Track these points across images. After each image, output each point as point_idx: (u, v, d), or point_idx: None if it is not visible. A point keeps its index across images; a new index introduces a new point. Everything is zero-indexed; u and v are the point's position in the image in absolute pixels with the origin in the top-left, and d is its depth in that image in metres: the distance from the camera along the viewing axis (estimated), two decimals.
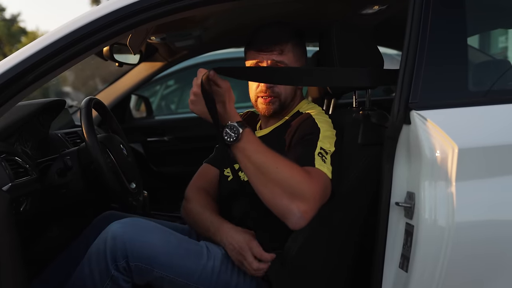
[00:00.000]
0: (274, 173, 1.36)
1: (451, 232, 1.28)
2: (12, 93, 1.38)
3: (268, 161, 1.37)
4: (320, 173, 1.43)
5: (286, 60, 1.65)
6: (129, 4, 1.39)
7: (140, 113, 4.33)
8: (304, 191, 1.36)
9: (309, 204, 1.36)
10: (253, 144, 1.38)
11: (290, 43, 1.67)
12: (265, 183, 1.37)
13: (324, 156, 1.47)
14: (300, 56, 1.71)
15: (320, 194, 1.39)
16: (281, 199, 1.36)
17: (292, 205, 1.35)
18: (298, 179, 1.37)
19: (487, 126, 1.36)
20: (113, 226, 1.54)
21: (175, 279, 1.52)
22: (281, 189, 1.36)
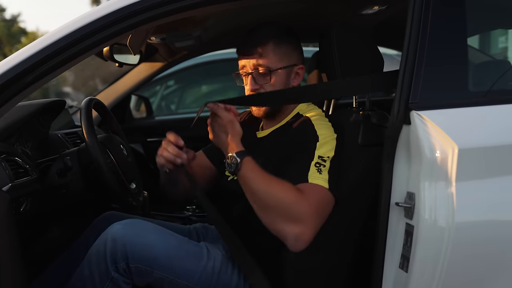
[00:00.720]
0: (268, 199, 1.41)
1: (451, 232, 1.28)
2: (12, 94, 1.38)
3: (263, 188, 1.41)
4: (313, 188, 1.43)
5: (267, 62, 1.61)
6: (129, 4, 1.39)
7: (140, 114, 4.33)
8: (296, 213, 1.39)
9: (305, 225, 1.39)
10: (251, 173, 1.43)
11: (271, 43, 1.62)
12: (262, 208, 1.43)
13: (322, 164, 1.47)
14: (286, 55, 1.64)
15: (315, 210, 1.41)
16: (276, 224, 1.41)
17: (287, 229, 1.40)
18: (290, 201, 1.40)
19: (487, 126, 1.36)
20: (113, 228, 1.53)
21: (175, 280, 1.52)
22: (276, 214, 1.40)
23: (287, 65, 1.64)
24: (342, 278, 1.57)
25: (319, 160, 1.47)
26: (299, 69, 1.68)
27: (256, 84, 1.63)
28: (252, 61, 1.63)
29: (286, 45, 1.66)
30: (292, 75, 1.67)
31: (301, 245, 1.41)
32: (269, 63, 1.62)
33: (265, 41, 1.62)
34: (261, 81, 1.63)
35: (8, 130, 1.70)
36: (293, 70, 1.67)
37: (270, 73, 1.62)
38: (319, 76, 2.05)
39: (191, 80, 5.42)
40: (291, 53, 1.66)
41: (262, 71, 1.62)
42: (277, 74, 1.63)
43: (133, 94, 3.47)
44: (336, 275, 1.57)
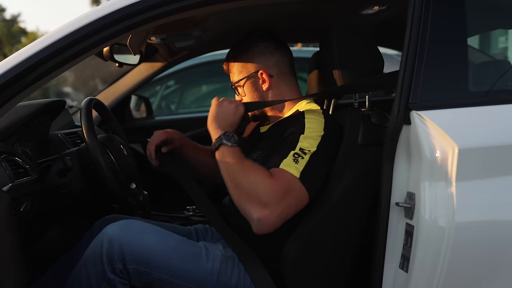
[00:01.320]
0: (239, 177, 1.45)
1: (451, 233, 1.28)
2: (13, 94, 1.38)
3: (236, 166, 1.47)
4: (282, 173, 1.44)
5: (233, 78, 1.76)
6: (129, 4, 1.39)
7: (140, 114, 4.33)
8: (262, 195, 1.40)
9: (269, 209, 1.40)
10: (228, 152, 1.50)
11: (231, 59, 1.76)
12: (233, 186, 1.47)
13: (301, 155, 1.48)
14: (244, 65, 1.72)
15: (281, 196, 1.41)
16: (242, 203, 1.44)
17: (251, 210, 1.42)
18: (258, 182, 1.42)
19: (487, 127, 1.36)
20: (109, 229, 1.53)
21: (174, 281, 1.52)
22: (244, 193, 1.43)
23: (246, 75, 1.72)
24: (343, 278, 1.57)
25: (298, 151, 1.49)
26: (260, 74, 1.70)
27: (237, 95, 1.78)
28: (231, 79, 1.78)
29: (243, 57, 1.73)
30: (259, 81, 1.71)
31: (263, 228, 1.42)
32: (234, 78, 1.76)
33: (227, 59, 1.77)
34: (236, 93, 1.78)
35: (9, 130, 1.70)
36: (256, 76, 1.71)
37: (236, 87, 1.76)
38: (319, 76, 2.05)
39: (191, 80, 5.42)
40: (249, 62, 1.72)
41: (233, 85, 1.77)
42: (242, 86, 1.73)
43: (133, 94, 3.47)
44: (336, 275, 1.57)
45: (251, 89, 1.71)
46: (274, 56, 1.72)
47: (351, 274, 1.57)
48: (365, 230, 1.52)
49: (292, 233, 1.54)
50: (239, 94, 1.76)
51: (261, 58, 1.71)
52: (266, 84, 1.70)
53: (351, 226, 1.54)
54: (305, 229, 1.53)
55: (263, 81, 1.70)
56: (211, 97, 1.77)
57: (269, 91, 1.71)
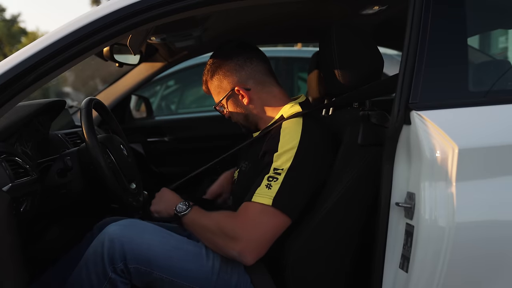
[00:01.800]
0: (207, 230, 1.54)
1: (451, 233, 1.28)
2: (13, 94, 1.38)
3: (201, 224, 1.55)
4: (251, 207, 1.48)
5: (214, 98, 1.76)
6: (129, 4, 1.39)
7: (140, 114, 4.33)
8: (228, 232, 1.48)
9: (241, 240, 1.47)
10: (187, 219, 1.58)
11: (207, 82, 1.76)
12: (207, 240, 1.55)
13: (275, 178, 1.49)
14: (218, 87, 1.73)
15: (251, 227, 1.46)
16: (220, 247, 1.52)
17: (228, 248, 1.49)
18: (226, 224, 1.50)
19: (487, 127, 1.36)
20: (110, 228, 1.53)
21: (175, 280, 1.52)
22: (217, 239, 1.51)
23: (224, 95, 1.72)
24: (343, 278, 1.57)
25: (272, 174, 1.50)
26: (236, 91, 1.69)
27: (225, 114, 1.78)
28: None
29: (216, 76, 1.73)
30: (239, 97, 1.70)
31: (248, 259, 1.48)
32: (215, 99, 1.76)
33: (204, 82, 1.77)
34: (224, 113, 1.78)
35: (9, 130, 1.70)
36: (234, 93, 1.70)
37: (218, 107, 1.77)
38: (318, 76, 2.06)
39: (191, 80, 5.42)
40: (223, 81, 1.71)
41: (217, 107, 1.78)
42: (224, 105, 1.74)
43: (133, 94, 3.47)
44: (336, 275, 1.57)
45: (233, 106, 1.72)
46: (245, 69, 1.70)
47: (351, 274, 1.57)
48: (365, 230, 1.52)
49: (292, 233, 1.54)
50: (224, 112, 1.77)
51: (234, 75, 1.70)
52: (245, 99, 1.69)
53: (351, 226, 1.54)
54: (305, 229, 1.53)
55: (242, 96, 1.69)
56: (211, 97, 1.78)
57: (250, 104, 1.70)
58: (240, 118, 1.75)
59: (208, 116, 4.29)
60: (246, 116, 1.73)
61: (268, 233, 1.47)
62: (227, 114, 1.76)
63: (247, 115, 1.73)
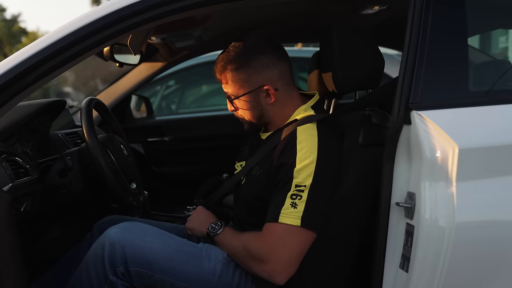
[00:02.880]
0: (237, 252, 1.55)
1: (452, 233, 1.28)
2: (13, 93, 1.38)
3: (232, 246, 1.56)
4: (277, 229, 1.46)
5: (229, 89, 1.60)
6: (130, 4, 1.39)
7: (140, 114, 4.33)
8: (256, 254, 1.49)
9: (269, 262, 1.46)
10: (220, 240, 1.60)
11: (228, 71, 1.57)
12: (238, 260, 1.56)
13: (299, 196, 1.45)
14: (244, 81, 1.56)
15: (278, 249, 1.46)
16: (251, 269, 1.53)
17: (258, 270, 1.51)
18: (253, 246, 1.50)
19: (488, 127, 1.36)
20: (111, 231, 1.53)
21: (176, 283, 1.52)
22: (247, 261, 1.53)
23: (249, 90, 1.57)
24: (343, 278, 1.57)
25: (295, 191, 1.46)
26: (265, 89, 1.57)
27: (232, 106, 1.65)
28: (224, 88, 1.63)
29: (245, 70, 1.56)
30: (262, 95, 1.58)
31: (278, 279, 1.48)
32: (232, 91, 1.60)
33: (223, 69, 1.59)
34: (231, 105, 1.65)
35: (9, 130, 1.70)
36: (261, 91, 1.57)
37: (232, 101, 1.62)
38: (319, 76, 2.05)
39: (192, 80, 5.42)
40: (253, 76, 1.56)
41: (229, 97, 1.63)
42: (242, 100, 1.60)
43: (133, 94, 3.47)
44: (337, 275, 1.57)
45: (251, 104, 1.59)
46: (277, 68, 1.57)
47: (351, 274, 1.57)
48: (365, 230, 1.52)
49: None
50: (234, 107, 1.63)
51: (265, 72, 1.56)
52: (270, 99, 1.58)
53: (351, 226, 1.54)
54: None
55: (267, 96, 1.58)
56: (211, 97, 1.77)
57: (271, 105, 1.60)
58: (252, 117, 1.62)
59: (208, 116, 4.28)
60: (261, 116, 1.62)
61: (295, 251, 1.47)
62: (237, 109, 1.63)
63: (262, 115, 1.61)
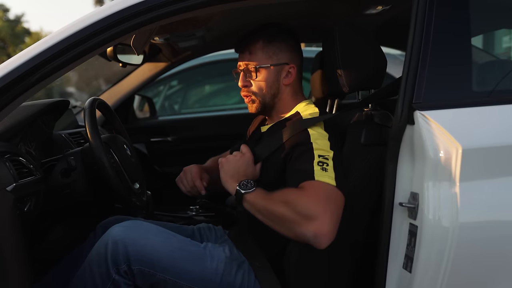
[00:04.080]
0: (276, 212, 1.41)
1: (455, 233, 1.28)
2: (16, 94, 1.38)
3: (269, 206, 1.43)
4: (319, 185, 1.40)
5: (255, 59, 1.66)
6: (133, 4, 1.40)
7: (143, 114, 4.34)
8: (304, 211, 1.35)
9: (319, 220, 1.33)
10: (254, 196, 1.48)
11: (261, 41, 1.66)
12: (278, 224, 1.42)
13: (325, 163, 1.45)
14: (276, 54, 1.66)
15: (324, 204, 1.36)
16: (293, 231, 1.38)
17: (303, 230, 1.35)
18: (298, 202, 1.37)
19: (491, 127, 1.36)
20: (114, 230, 1.53)
21: (178, 282, 1.52)
22: (288, 222, 1.38)
23: (276, 63, 1.66)
24: (346, 278, 1.57)
25: (320, 159, 1.46)
26: (290, 68, 1.68)
27: (245, 80, 1.69)
28: (243, 59, 1.69)
29: (277, 44, 1.67)
30: (283, 74, 1.67)
31: (324, 240, 1.35)
32: (257, 61, 1.66)
33: (254, 40, 1.68)
34: (249, 78, 1.68)
35: (12, 130, 1.70)
36: (284, 68, 1.67)
37: (256, 70, 1.66)
38: (322, 76, 2.05)
39: (195, 80, 5.42)
40: (283, 52, 1.68)
41: (251, 68, 1.66)
42: (264, 71, 1.66)
43: (136, 94, 3.48)
44: (340, 275, 1.57)
45: (271, 78, 1.66)
46: (300, 56, 1.72)
47: (355, 274, 1.57)
48: (368, 230, 1.52)
49: None
50: (251, 78, 1.67)
51: (292, 54, 1.69)
52: (289, 79, 1.67)
53: (354, 226, 1.54)
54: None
55: (287, 75, 1.67)
56: (214, 97, 1.78)
57: (287, 87, 1.69)
58: (267, 93, 1.67)
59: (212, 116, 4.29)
60: (274, 95, 1.68)
61: (338, 212, 1.39)
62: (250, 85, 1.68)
63: (276, 94, 1.68)
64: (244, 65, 1.68)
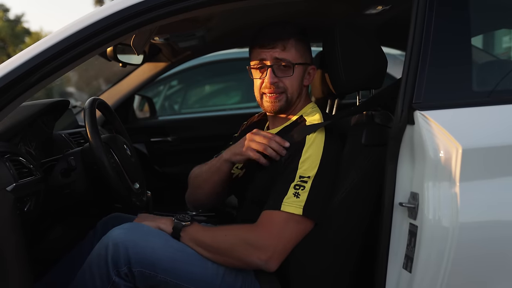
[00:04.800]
0: (221, 245, 1.52)
1: (455, 233, 1.28)
2: (16, 94, 1.38)
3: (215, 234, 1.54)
4: (277, 216, 1.48)
5: (289, 56, 1.63)
6: (133, 4, 1.40)
7: (143, 114, 4.34)
8: (255, 241, 1.48)
9: (268, 250, 1.47)
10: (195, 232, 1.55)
11: (293, 39, 1.64)
12: (222, 257, 1.53)
13: (302, 186, 1.49)
14: (304, 53, 1.68)
15: (277, 236, 1.47)
16: (243, 259, 1.50)
17: (252, 258, 1.48)
18: (245, 233, 1.50)
19: (491, 127, 1.36)
20: (114, 232, 1.53)
21: (179, 283, 1.52)
22: (238, 251, 1.50)
23: (304, 62, 1.67)
24: (346, 278, 1.57)
25: (299, 182, 1.50)
26: (311, 69, 1.71)
27: (276, 77, 1.63)
28: (273, 54, 1.63)
29: (304, 44, 1.69)
30: (306, 74, 1.69)
31: (272, 266, 1.49)
32: (291, 58, 1.63)
33: (288, 36, 1.64)
34: (281, 74, 1.63)
35: (12, 130, 1.70)
36: (307, 69, 1.70)
37: (292, 67, 1.63)
38: (322, 76, 2.06)
39: (195, 80, 5.42)
40: (307, 52, 1.70)
41: (284, 64, 1.63)
42: (298, 69, 1.65)
43: (136, 94, 3.48)
44: (340, 275, 1.57)
45: (300, 76, 1.67)
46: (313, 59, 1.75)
47: (355, 274, 1.57)
48: (368, 230, 1.52)
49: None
50: (285, 74, 1.63)
51: (311, 54, 1.73)
52: (309, 80, 1.70)
53: (354, 226, 1.54)
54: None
55: (307, 75, 1.70)
56: (214, 97, 1.77)
57: (305, 87, 1.71)
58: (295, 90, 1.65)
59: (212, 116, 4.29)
60: (298, 95, 1.67)
61: (293, 239, 1.50)
62: (284, 79, 1.64)
63: (299, 94, 1.67)
64: (273, 61, 1.63)
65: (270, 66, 1.62)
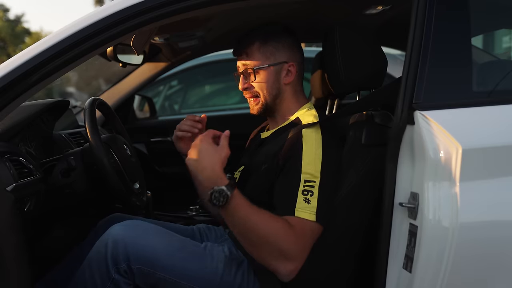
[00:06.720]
0: (257, 235, 1.43)
1: (455, 233, 1.28)
2: (16, 94, 1.38)
3: (251, 224, 1.42)
4: (303, 224, 1.46)
5: (253, 61, 1.67)
6: (133, 4, 1.40)
7: (143, 114, 4.34)
8: (289, 252, 1.44)
9: (296, 261, 1.45)
10: (240, 207, 1.41)
11: (257, 43, 1.68)
12: (250, 244, 1.47)
13: (310, 191, 1.48)
14: (273, 53, 1.67)
15: (303, 246, 1.46)
16: (268, 260, 1.46)
17: (279, 266, 1.45)
18: (282, 240, 1.43)
19: (491, 127, 1.36)
20: (114, 229, 1.53)
21: (178, 281, 1.52)
22: (267, 251, 1.44)
23: (274, 63, 1.67)
24: (346, 278, 1.57)
25: (306, 187, 1.49)
26: (290, 66, 1.68)
27: (245, 83, 1.70)
28: (241, 62, 1.71)
29: (274, 43, 1.68)
30: (283, 73, 1.68)
31: (292, 277, 1.47)
32: (255, 62, 1.67)
33: (250, 42, 1.69)
34: (249, 80, 1.69)
35: (12, 130, 1.70)
36: (283, 67, 1.68)
37: (254, 72, 1.67)
38: (322, 76, 2.05)
39: (195, 80, 5.42)
40: (280, 51, 1.68)
41: (250, 70, 1.68)
42: (264, 72, 1.67)
43: (136, 94, 3.48)
44: (340, 275, 1.57)
45: (271, 78, 1.67)
46: (300, 53, 1.72)
47: (355, 274, 1.57)
48: (368, 230, 1.52)
49: None
50: (250, 80, 1.67)
51: (290, 52, 1.69)
52: (289, 78, 1.68)
53: (354, 226, 1.54)
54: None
55: (287, 73, 1.68)
56: (214, 97, 1.78)
57: (288, 86, 1.69)
58: (269, 94, 1.67)
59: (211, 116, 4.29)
60: (276, 96, 1.68)
61: (309, 247, 1.49)
62: (252, 86, 1.68)
63: (278, 95, 1.68)
64: (243, 68, 1.70)
65: (241, 73, 1.71)
